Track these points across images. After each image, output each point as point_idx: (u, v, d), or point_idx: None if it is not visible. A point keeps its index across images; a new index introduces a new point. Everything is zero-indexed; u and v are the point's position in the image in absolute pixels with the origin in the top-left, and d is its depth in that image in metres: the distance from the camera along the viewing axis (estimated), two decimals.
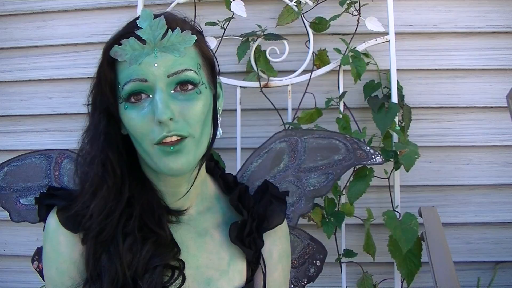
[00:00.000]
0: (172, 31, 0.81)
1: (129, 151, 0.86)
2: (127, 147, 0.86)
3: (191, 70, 0.81)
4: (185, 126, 0.79)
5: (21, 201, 1.08)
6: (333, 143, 1.15)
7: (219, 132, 0.90)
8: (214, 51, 0.98)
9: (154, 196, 0.88)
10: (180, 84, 0.80)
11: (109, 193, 0.83)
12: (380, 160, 1.17)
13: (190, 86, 0.81)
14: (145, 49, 0.80)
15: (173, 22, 0.83)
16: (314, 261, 1.17)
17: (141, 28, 0.81)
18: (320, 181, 1.15)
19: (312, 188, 1.14)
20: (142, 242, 0.83)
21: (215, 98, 0.89)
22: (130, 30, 0.82)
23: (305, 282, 1.16)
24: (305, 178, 1.14)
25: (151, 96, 0.80)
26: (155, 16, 0.82)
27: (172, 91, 0.80)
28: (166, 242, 0.86)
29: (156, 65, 0.79)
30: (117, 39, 0.82)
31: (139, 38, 0.80)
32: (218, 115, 0.90)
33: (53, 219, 0.86)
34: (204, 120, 0.82)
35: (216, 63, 0.90)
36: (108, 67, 0.82)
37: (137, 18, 0.83)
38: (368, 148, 1.17)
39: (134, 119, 0.80)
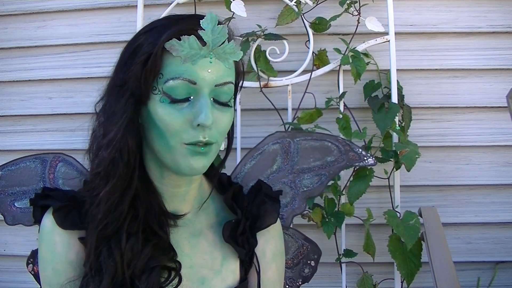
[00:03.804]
0: (228, 42, 0.82)
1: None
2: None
3: (232, 83, 0.84)
4: (216, 134, 0.82)
5: (15, 204, 1.08)
6: (325, 145, 1.16)
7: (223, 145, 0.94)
8: None
9: (156, 199, 0.88)
10: (218, 95, 0.82)
11: (119, 182, 0.83)
12: (372, 161, 1.18)
13: (225, 99, 0.83)
14: (202, 50, 0.80)
15: (230, 32, 0.84)
16: (309, 261, 1.17)
17: (203, 29, 0.81)
18: (314, 182, 1.15)
19: (305, 189, 1.15)
20: (143, 243, 0.84)
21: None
22: (192, 27, 0.81)
23: (300, 283, 1.17)
24: (299, 179, 1.15)
25: (192, 97, 0.80)
26: (219, 23, 0.82)
27: (212, 99, 0.82)
28: (165, 245, 0.86)
29: (209, 71, 0.80)
30: (177, 33, 0.80)
31: (199, 38, 0.80)
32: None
33: (48, 219, 0.86)
34: (227, 132, 0.86)
35: (241, 81, 0.93)
36: (159, 56, 0.81)
37: (197, 16, 0.83)
38: (360, 150, 1.18)
39: (171, 115, 0.80)
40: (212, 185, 0.98)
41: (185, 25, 0.82)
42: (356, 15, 1.64)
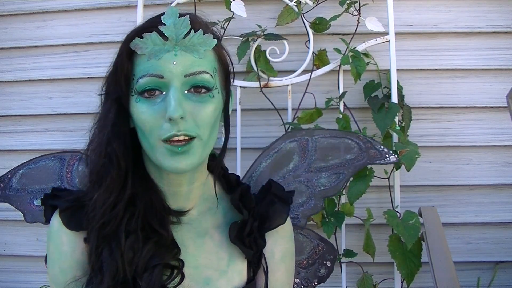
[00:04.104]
0: (195, 32, 0.81)
1: (135, 146, 0.87)
2: (133, 141, 0.86)
3: (207, 73, 0.82)
4: (194, 127, 0.80)
5: (34, 202, 1.10)
6: (345, 142, 1.14)
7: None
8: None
9: (157, 196, 0.88)
10: (194, 87, 0.81)
11: (113, 185, 0.84)
12: (395, 159, 1.15)
13: (203, 90, 0.82)
14: (166, 45, 0.80)
15: (196, 23, 0.83)
16: (324, 262, 1.15)
17: (165, 25, 0.81)
18: (331, 180, 1.13)
19: (322, 188, 1.13)
20: (144, 241, 0.84)
21: (227, 104, 0.90)
22: (153, 24, 0.82)
23: (316, 283, 1.15)
24: (315, 178, 1.13)
25: (164, 92, 0.80)
26: (180, 15, 0.82)
27: (186, 91, 0.81)
28: (167, 242, 0.86)
29: (175, 63, 0.80)
30: (139, 32, 0.82)
31: (161, 34, 0.80)
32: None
33: (55, 219, 0.87)
34: (213, 124, 0.83)
35: (232, 70, 0.91)
36: (127, 58, 0.83)
37: (162, 14, 0.83)
38: (382, 147, 1.15)
39: (145, 112, 0.80)
40: (219, 183, 0.98)
41: (147, 23, 0.84)
42: (356, 15, 1.64)
